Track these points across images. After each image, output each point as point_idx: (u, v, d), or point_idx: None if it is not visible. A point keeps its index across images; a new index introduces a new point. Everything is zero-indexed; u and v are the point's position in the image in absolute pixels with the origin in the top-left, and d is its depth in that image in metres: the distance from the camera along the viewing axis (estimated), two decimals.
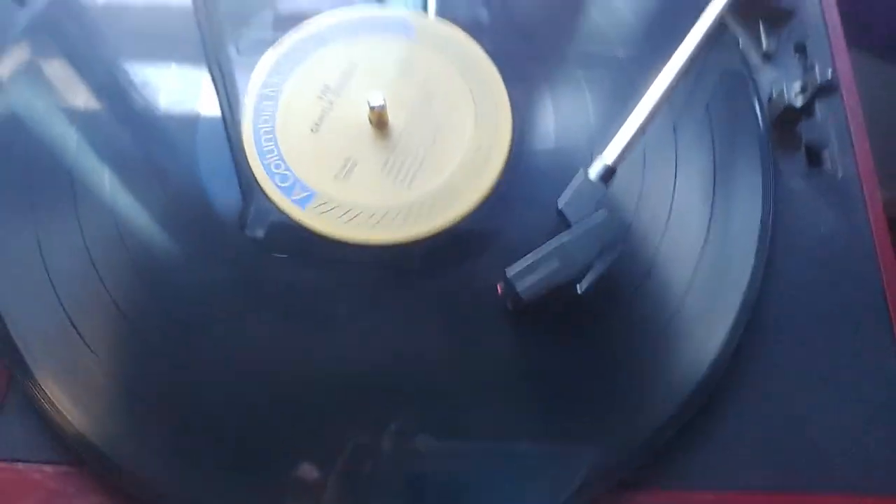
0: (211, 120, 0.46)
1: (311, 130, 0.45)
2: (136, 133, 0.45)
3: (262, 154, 0.44)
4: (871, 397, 0.40)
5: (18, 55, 0.46)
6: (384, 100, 0.44)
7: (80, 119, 0.45)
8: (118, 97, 0.46)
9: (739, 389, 0.40)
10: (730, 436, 0.39)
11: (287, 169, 0.44)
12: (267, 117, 0.45)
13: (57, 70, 0.46)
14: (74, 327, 0.39)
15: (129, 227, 0.42)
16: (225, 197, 0.43)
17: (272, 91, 0.46)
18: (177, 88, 0.46)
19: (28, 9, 0.48)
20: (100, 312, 0.40)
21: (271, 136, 0.45)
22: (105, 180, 0.43)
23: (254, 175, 0.44)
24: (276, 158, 0.44)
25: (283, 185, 0.43)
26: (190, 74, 0.47)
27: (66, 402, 0.38)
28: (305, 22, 0.49)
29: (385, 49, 0.48)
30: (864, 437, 0.39)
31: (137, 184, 0.43)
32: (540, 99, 0.47)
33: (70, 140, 0.44)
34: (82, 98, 0.45)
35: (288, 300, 0.41)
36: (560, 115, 0.46)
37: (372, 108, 0.44)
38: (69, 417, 0.37)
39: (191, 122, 0.45)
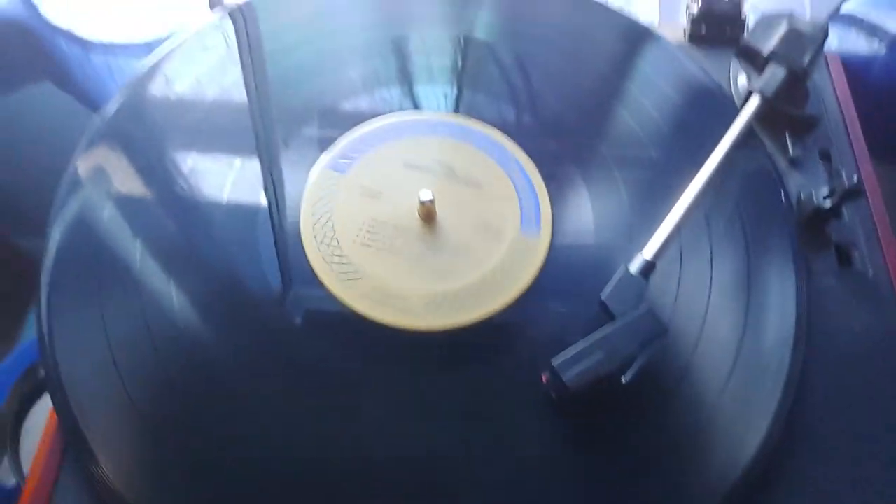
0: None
1: (365, 220, 0.48)
2: (198, 225, 0.47)
3: (320, 243, 0.47)
4: None
5: (93, 156, 0.49)
6: (433, 195, 0.47)
7: (146, 212, 0.47)
8: (183, 191, 0.48)
9: (779, 487, 0.41)
10: None
11: (343, 256, 0.46)
12: (325, 209, 0.48)
13: (127, 167, 0.49)
14: (133, 404, 0.41)
15: (189, 315, 0.44)
16: (286, 284, 0.46)
17: (330, 186, 0.49)
18: (239, 181, 0.49)
19: (101, 114, 0.51)
20: (159, 392, 0.41)
21: (330, 227, 0.47)
22: (168, 269, 0.45)
23: (309, 262, 0.46)
24: (334, 247, 0.47)
25: (341, 271, 0.46)
26: (252, 168, 0.50)
27: (121, 475, 0.39)
28: (358, 125, 0.52)
29: (431, 148, 0.51)
30: None
31: (199, 274, 0.45)
32: (578, 196, 0.49)
33: (137, 232, 0.46)
34: (149, 192, 0.48)
35: (343, 388, 0.42)
36: (598, 213, 0.49)
37: (422, 203, 0.47)
38: (123, 491, 0.38)
39: (252, 213, 0.48)
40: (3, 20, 0.74)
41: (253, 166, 0.50)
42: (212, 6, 0.61)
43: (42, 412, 0.74)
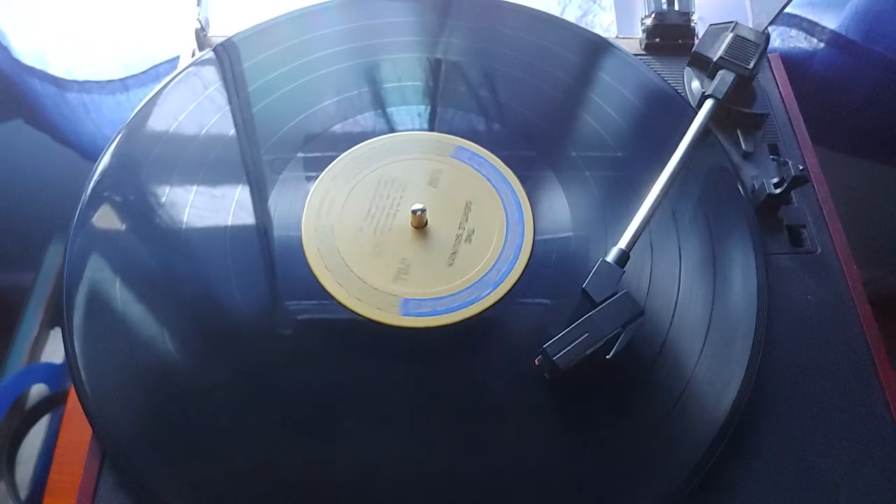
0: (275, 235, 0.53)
1: (364, 234, 0.52)
2: (213, 248, 0.51)
3: (325, 259, 0.51)
4: (863, 437, 0.46)
5: (99, 201, 0.53)
6: (423, 205, 0.52)
7: (154, 239, 0.51)
8: (188, 223, 0.52)
9: (753, 439, 0.46)
10: (747, 482, 0.45)
11: (350, 272, 0.51)
12: (325, 228, 0.53)
13: (131, 209, 0.53)
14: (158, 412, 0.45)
15: (208, 325, 0.48)
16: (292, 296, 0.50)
17: (328, 205, 0.54)
18: (240, 210, 0.53)
19: (103, 157, 0.54)
20: (183, 398, 0.46)
21: (332, 243, 0.52)
22: (187, 301, 0.49)
23: (316, 277, 0.50)
24: (337, 262, 0.51)
25: (346, 286, 0.50)
26: (250, 196, 0.54)
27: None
28: (347, 150, 0.56)
29: (417, 166, 0.56)
30: (869, 475, 0.45)
31: (216, 292, 0.50)
32: (555, 199, 0.54)
33: (149, 254, 0.51)
34: (155, 222, 0.52)
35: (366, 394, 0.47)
36: (574, 214, 0.54)
37: (413, 213, 0.51)
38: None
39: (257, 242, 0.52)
40: None
41: (251, 194, 0.54)
42: (201, 47, 0.65)
43: (33, 442, 0.77)
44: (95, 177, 0.54)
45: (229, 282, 0.50)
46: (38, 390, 0.79)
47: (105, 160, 0.54)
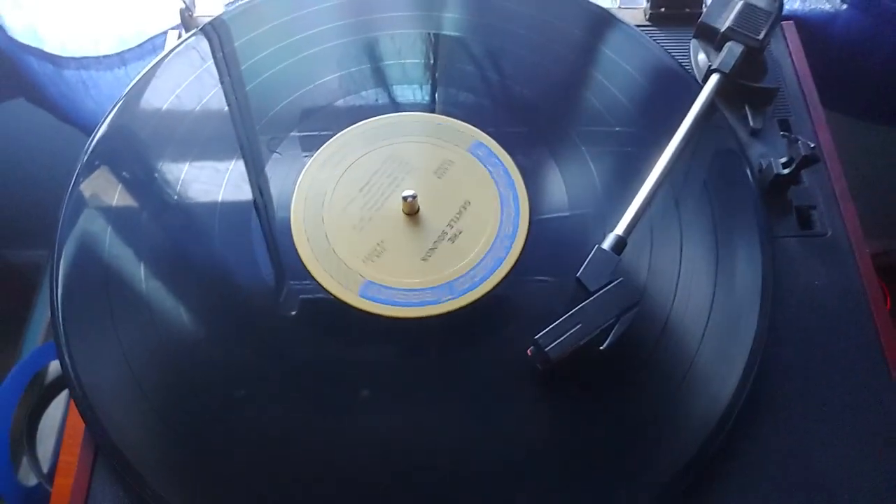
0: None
1: (354, 219, 0.51)
2: (196, 230, 0.50)
3: (312, 241, 0.50)
4: (870, 430, 0.44)
5: (93, 176, 0.52)
6: (415, 191, 0.50)
7: (145, 220, 0.50)
8: (180, 200, 0.51)
9: (753, 431, 0.44)
10: (746, 474, 0.43)
11: (334, 253, 0.49)
12: (315, 208, 0.51)
13: (126, 183, 0.52)
14: (150, 403, 0.44)
15: (194, 316, 0.47)
16: (279, 280, 0.49)
17: (321, 186, 0.52)
18: (231, 187, 0.52)
19: (96, 134, 0.54)
20: (175, 392, 0.45)
21: (320, 224, 0.50)
22: (171, 273, 0.49)
23: (302, 260, 0.49)
24: (324, 244, 0.50)
25: (330, 269, 0.49)
26: (243, 173, 0.53)
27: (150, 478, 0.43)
28: (346, 129, 0.55)
29: (413, 148, 0.54)
30: (868, 469, 0.43)
31: (199, 275, 0.49)
32: (552, 182, 0.52)
33: (141, 243, 0.49)
34: (146, 201, 0.51)
35: (338, 376, 0.46)
36: (571, 195, 0.51)
37: (405, 199, 0.50)
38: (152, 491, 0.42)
39: (246, 214, 0.51)
40: None
41: (243, 172, 0.53)
42: (185, 27, 0.63)
43: (55, 415, 0.78)
44: (86, 155, 0.53)
45: (216, 258, 0.49)
46: (56, 367, 0.80)
47: (94, 140, 0.54)
